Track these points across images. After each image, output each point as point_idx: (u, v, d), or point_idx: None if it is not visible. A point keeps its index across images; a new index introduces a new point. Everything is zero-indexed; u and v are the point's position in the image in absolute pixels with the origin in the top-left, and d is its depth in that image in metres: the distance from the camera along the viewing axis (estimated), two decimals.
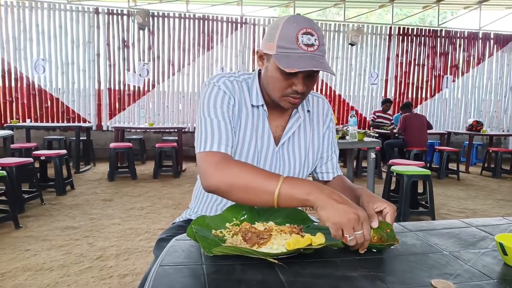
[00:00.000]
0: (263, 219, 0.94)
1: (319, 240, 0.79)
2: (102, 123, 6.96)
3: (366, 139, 3.76)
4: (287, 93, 0.99)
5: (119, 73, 6.93)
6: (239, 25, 7.27)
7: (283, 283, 0.67)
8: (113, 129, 5.97)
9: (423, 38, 7.92)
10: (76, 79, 6.81)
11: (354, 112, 3.98)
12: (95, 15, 6.78)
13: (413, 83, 7.96)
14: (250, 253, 0.75)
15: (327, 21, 8.62)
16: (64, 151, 4.34)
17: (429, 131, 6.14)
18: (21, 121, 6.46)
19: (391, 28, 7.80)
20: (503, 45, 8.19)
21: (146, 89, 7.04)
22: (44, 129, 6.51)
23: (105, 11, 6.82)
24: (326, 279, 0.70)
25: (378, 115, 6.92)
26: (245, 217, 0.95)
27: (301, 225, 0.90)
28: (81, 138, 5.78)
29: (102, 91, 6.91)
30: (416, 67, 7.94)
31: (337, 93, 7.71)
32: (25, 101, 6.64)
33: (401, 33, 7.84)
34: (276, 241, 0.81)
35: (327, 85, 7.66)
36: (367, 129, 7.14)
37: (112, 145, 5.13)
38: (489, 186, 5.36)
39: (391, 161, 4.17)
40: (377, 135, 4.03)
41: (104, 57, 6.88)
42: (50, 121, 6.71)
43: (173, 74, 7.11)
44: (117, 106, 6.97)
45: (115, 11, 6.85)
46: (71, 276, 2.21)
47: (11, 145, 4.77)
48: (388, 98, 7.30)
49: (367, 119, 7.66)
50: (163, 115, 7.11)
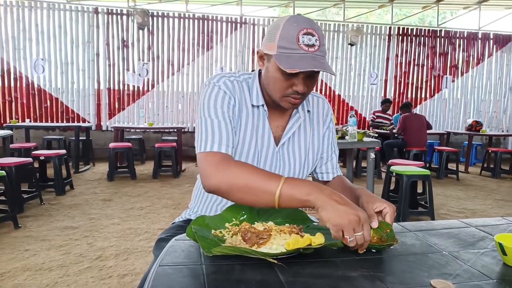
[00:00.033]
0: (263, 219, 0.94)
1: (318, 240, 0.79)
2: (101, 123, 6.95)
3: (365, 139, 3.76)
4: (288, 94, 0.99)
5: (119, 73, 6.92)
6: (238, 25, 7.26)
7: (283, 283, 0.67)
8: (113, 129, 5.97)
9: (422, 38, 7.92)
10: (75, 79, 6.80)
11: (353, 112, 3.98)
12: (95, 15, 6.77)
13: (412, 83, 7.96)
14: (249, 253, 0.75)
15: (327, 21, 8.63)
16: (63, 151, 4.34)
17: (429, 131, 6.15)
18: (20, 121, 6.46)
19: (390, 28, 7.80)
20: (502, 45, 8.19)
21: (145, 89, 7.03)
22: (43, 129, 6.50)
23: (105, 11, 6.81)
24: (325, 279, 0.70)
25: (377, 115, 6.92)
26: (245, 217, 0.95)
27: (300, 225, 0.90)
28: (80, 138, 5.78)
29: (101, 91, 6.90)
30: (415, 67, 7.94)
31: (337, 93, 7.70)
32: (25, 101, 6.63)
33: (400, 33, 7.83)
34: (275, 241, 0.81)
35: (326, 85, 7.66)
36: (366, 129, 7.14)
37: (111, 145, 5.13)
38: (488, 186, 5.36)
39: (390, 161, 4.17)
40: (376, 135, 4.03)
41: (103, 57, 6.87)
42: (49, 121, 6.70)
43: (173, 74, 7.11)
44: (116, 106, 6.97)
45: (114, 11, 6.84)
46: (71, 276, 2.21)
47: (11, 145, 4.77)
48: (387, 98, 7.30)
49: (367, 119, 7.66)
50: (163, 115, 7.10)
